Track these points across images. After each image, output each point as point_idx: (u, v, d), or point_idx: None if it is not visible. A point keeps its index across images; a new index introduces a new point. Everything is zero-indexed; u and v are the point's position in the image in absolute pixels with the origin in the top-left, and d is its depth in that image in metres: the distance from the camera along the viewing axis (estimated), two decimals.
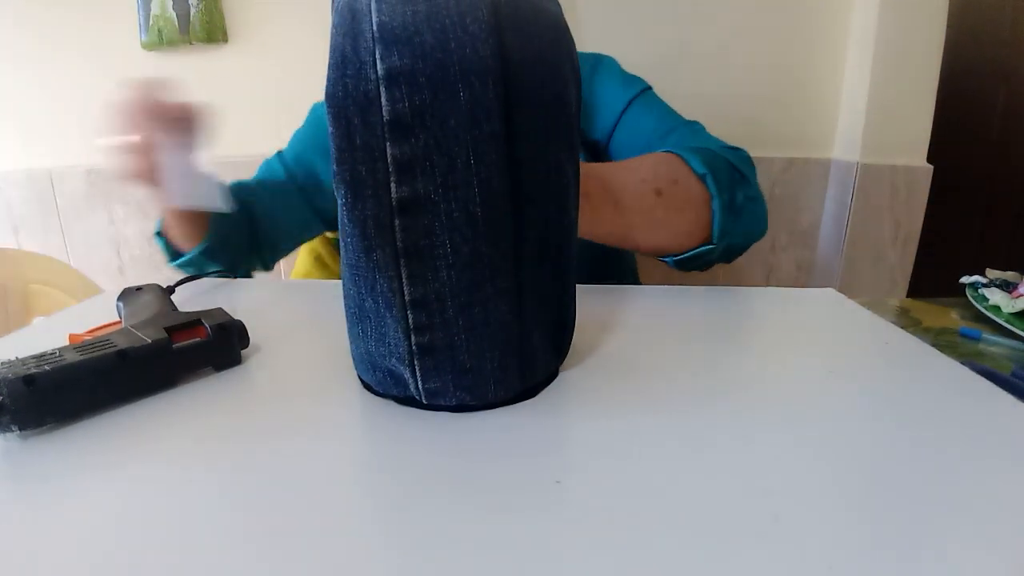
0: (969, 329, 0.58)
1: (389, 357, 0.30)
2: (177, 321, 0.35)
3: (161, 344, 0.33)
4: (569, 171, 0.30)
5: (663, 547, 0.21)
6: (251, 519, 0.22)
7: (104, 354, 0.30)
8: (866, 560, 0.20)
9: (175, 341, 0.33)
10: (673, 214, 0.52)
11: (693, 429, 0.28)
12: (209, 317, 0.36)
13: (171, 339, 0.33)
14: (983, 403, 0.31)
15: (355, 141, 0.26)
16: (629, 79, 0.72)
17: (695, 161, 0.53)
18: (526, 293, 0.29)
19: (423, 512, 0.23)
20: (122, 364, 0.31)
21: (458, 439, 0.28)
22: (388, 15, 0.24)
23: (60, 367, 0.29)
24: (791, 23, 1.11)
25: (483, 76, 0.25)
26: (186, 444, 0.28)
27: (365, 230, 0.27)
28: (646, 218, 0.51)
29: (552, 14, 0.29)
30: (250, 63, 1.21)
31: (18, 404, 0.27)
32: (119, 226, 1.31)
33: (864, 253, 1.11)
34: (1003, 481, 0.24)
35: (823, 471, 0.25)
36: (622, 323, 0.43)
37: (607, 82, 0.72)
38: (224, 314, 0.37)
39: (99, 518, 0.22)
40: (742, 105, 1.15)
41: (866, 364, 0.36)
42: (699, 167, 0.52)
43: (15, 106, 1.27)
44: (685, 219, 0.52)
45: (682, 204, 0.52)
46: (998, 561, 0.20)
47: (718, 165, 0.54)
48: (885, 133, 1.08)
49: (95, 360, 0.30)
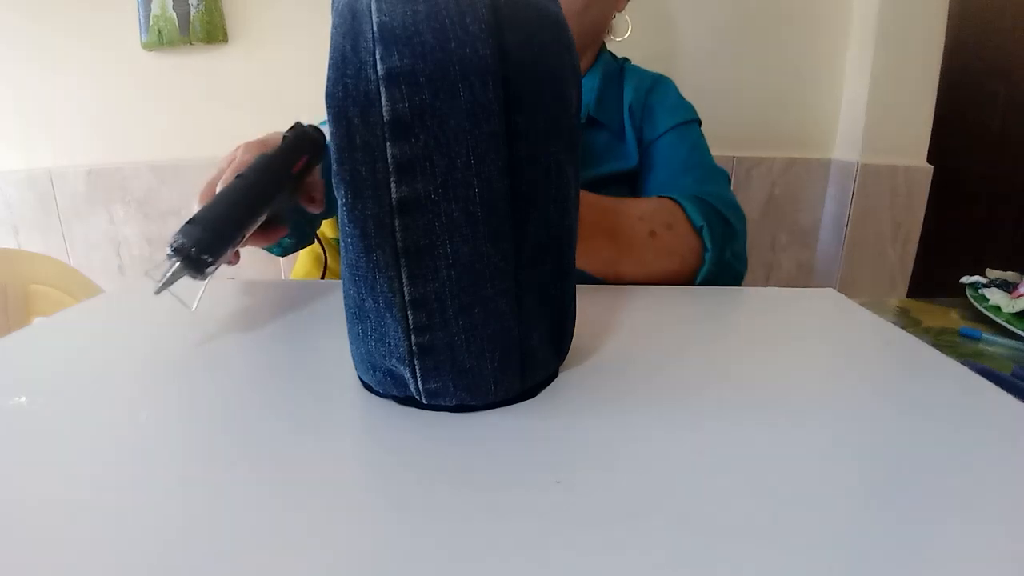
0: (969, 329, 0.58)
1: (389, 357, 0.30)
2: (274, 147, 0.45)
3: (260, 160, 0.43)
4: (569, 171, 0.30)
5: (663, 547, 0.21)
6: (251, 519, 0.22)
7: (230, 182, 0.42)
8: (866, 560, 0.20)
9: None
10: (662, 257, 0.54)
11: (693, 429, 0.28)
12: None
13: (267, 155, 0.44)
14: (983, 403, 0.31)
15: (355, 141, 0.26)
16: (681, 105, 0.74)
17: (693, 212, 0.55)
18: (526, 293, 0.29)
19: (423, 512, 0.23)
20: (242, 183, 0.41)
21: (458, 439, 0.28)
22: (388, 15, 0.24)
23: (206, 205, 0.39)
24: (791, 23, 1.11)
25: (483, 76, 0.25)
26: (186, 444, 0.28)
27: (365, 230, 0.27)
28: (635, 256, 0.54)
29: (552, 13, 0.29)
30: (250, 63, 1.21)
31: (192, 239, 0.36)
32: (119, 226, 1.31)
33: (864, 253, 1.11)
34: (1003, 481, 0.24)
35: (823, 471, 0.25)
36: (622, 323, 0.43)
37: (665, 98, 0.74)
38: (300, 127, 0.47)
39: (99, 518, 0.22)
40: (742, 105, 1.15)
41: (866, 364, 0.36)
42: (697, 219, 0.55)
43: (15, 106, 1.27)
44: (671, 264, 0.55)
45: (672, 250, 0.54)
46: (998, 561, 0.20)
47: (713, 220, 0.56)
48: (885, 133, 1.08)
49: (226, 188, 0.41)
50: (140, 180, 1.28)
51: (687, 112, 0.73)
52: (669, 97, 0.74)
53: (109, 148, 1.28)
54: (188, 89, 1.24)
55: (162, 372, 0.35)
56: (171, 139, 1.27)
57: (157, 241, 1.32)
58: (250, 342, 0.40)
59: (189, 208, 0.42)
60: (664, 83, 0.76)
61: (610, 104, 0.72)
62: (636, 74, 0.77)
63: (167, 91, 1.24)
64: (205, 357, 0.38)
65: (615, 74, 0.75)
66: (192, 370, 0.36)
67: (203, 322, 0.44)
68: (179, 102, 1.25)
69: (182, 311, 0.46)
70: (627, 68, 0.78)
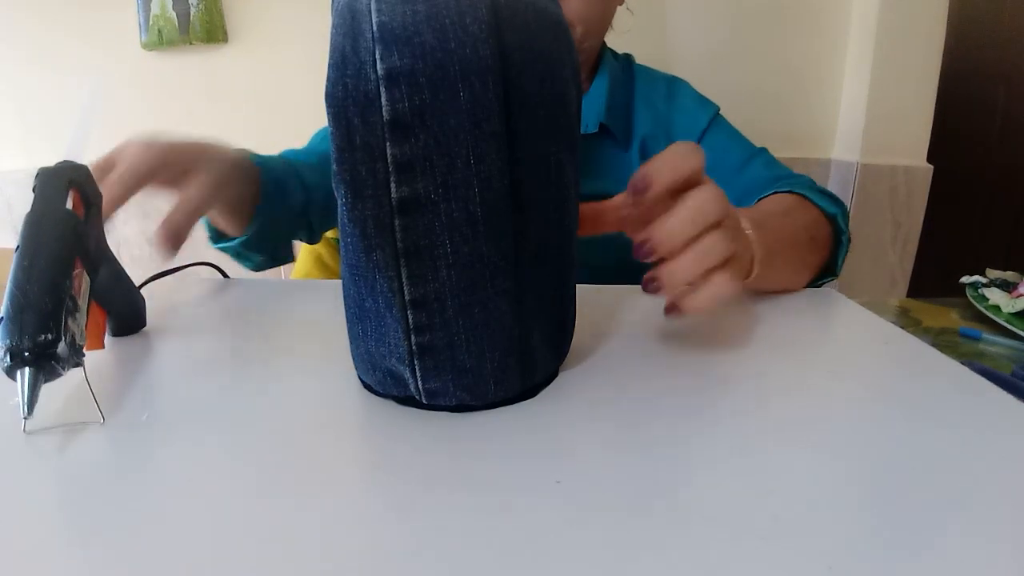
0: (969, 329, 0.58)
1: (389, 357, 0.30)
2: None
3: (28, 224, 0.32)
4: (569, 171, 0.30)
5: (663, 547, 0.21)
6: (251, 519, 0.22)
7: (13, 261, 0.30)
8: (866, 560, 0.20)
9: None
10: (816, 255, 0.53)
11: (693, 429, 0.28)
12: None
13: None
14: (983, 403, 0.31)
15: (355, 141, 0.26)
16: (703, 100, 0.74)
17: (824, 202, 0.55)
18: (526, 293, 0.29)
19: (423, 512, 0.23)
20: (25, 255, 0.30)
21: (458, 439, 0.28)
22: (388, 15, 0.24)
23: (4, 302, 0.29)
24: (791, 23, 1.11)
25: (483, 76, 0.25)
26: (186, 444, 0.28)
27: (365, 230, 0.27)
28: (800, 264, 0.51)
29: (552, 14, 0.29)
30: (250, 63, 1.21)
31: (12, 333, 0.27)
32: (119, 226, 1.31)
33: (864, 253, 1.11)
34: (1003, 481, 0.24)
35: (823, 471, 0.25)
36: (622, 323, 0.43)
37: (685, 103, 0.74)
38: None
39: (98, 518, 0.22)
40: (742, 105, 1.15)
41: (866, 364, 0.36)
42: (830, 207, 0.55)
43: (15, 106, 1.27)
44: (820, 259, 0.54)
45: (823, 245, 0.54)
46: (998, 561, 0.20)
47: (839, 202, 0.57)
48: (885, 133, 1.08)
49: (13, 271, 0.30)
50: None
51: (707, 107, 0.73)
52: (687, 101, 0.74)
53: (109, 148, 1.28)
54: (188, 89, 1.24)
55: (161, 372, 0.35)
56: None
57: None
58: (250, 342, 0.40)
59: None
60: (678, 86, 0.76)
61: (619, 111, 0.71)
62: (646, 77, 0.76)
63: (167, 91, 1.24)
64: (204, 357, 0.38)
65: (621, 75, 0.74)
66: (192, 370, 0.36)
67: (202, 322, 0.44)
68: (179, 102, 1.25)
69: (182, 311, 0.46)
70: (636, 69, 0.77)
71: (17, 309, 0.28)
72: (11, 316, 0.27)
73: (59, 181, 0.35)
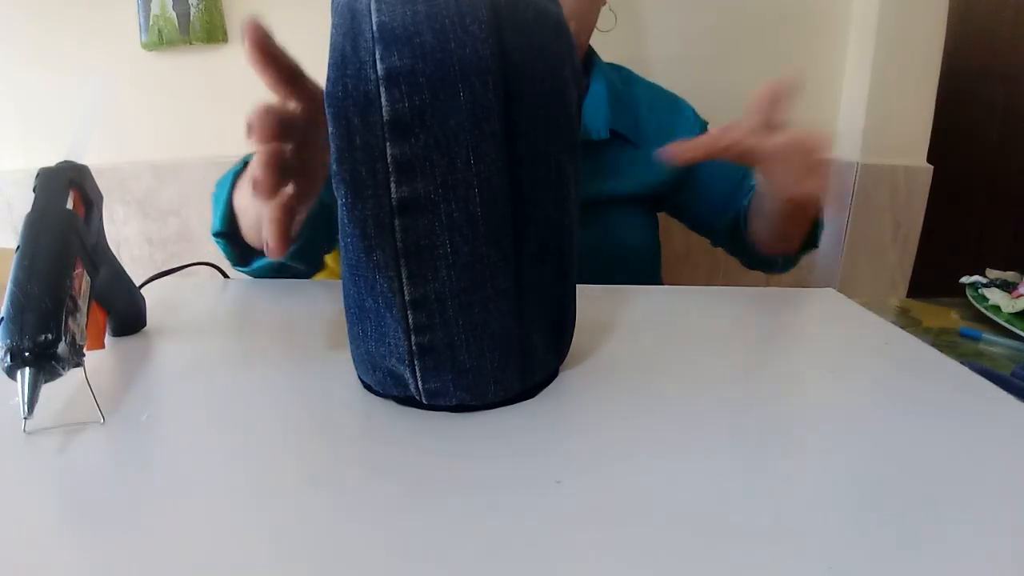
0: (969, 329, 0.58)
1: (389, 357, 0.30)
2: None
3: (28, 224, 0.32)
4: (569, 171, 0.30)
5: (663, 547, 0.21)
6: (251, 519, 0.22)
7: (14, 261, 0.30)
8: (866, 560, 0.20)
9: None
10: (798, 232, 0.62)
11: (693, 429, 0.28)
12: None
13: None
14: (983, 403, 0.31)
15: (355, 141, 0.26)
16: (698, 122, 0.76)
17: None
18: (526, 293, 0.29)
19: (423, 512, 0.23)
20: (26, 256, 0.30)
21: (458, 439, 0.28)
22: (388, 15, 0.24)
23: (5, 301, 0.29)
24: (791, 23, 1.11)
25: (483, 76, 0.25)
26: (186, 444, 0.28)
27: (365, 230, 0.27)
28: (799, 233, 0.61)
29: (552, 14, 0.29)
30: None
31: (12, 333, 0.27)
32: (119, 226, 1.31)
33: (864, 253, 1.11)
34: (1003, 481, 0.24)
35: (823, 471, 0.25)
36: (622, 323, 0.43)
37: (688, 116, 0.75)
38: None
39: (97, 519, 0.22)
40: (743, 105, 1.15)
41: (866, 364, 0.36)
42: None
43: (15, 106, 1.27)
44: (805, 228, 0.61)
45: (803, 230, 0.61)
46: (998, 560, 0.20)
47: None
48: (885, 133, 1.08)
49: (14, 272, 0.30)
50: (140, 180, 1.28)
51: (703, 127, 0.75)
52: (691, 115, 0.75)
53: (109, 148, 1.28)
54: (188, 89, 1.24)
55: (161, 372, 0.35)
56: (171, 139, 1.27)
57: (157, 241, 1.32)
58: (250, 342, 0.40)
59: (188, 207, 0.35)
60: (681, 104, 0.77)
61: (625, 112, 0.71)
62: (647, 85, 0.76)
63: (167, 91, 1.24)
64: (204, 357, 0.38)
65: (617, 80, 0.74)
66: (191, 370, 0.36)
67: (202, 322, 0.44)
68: (179, 102, 1.25)
69: (182, 311, 0.46)
70: (634, 76, 0.77)
71: (17, 309, 0.28)
72: (11, 316, 0.28)
73: (59, 181, 0.35)
